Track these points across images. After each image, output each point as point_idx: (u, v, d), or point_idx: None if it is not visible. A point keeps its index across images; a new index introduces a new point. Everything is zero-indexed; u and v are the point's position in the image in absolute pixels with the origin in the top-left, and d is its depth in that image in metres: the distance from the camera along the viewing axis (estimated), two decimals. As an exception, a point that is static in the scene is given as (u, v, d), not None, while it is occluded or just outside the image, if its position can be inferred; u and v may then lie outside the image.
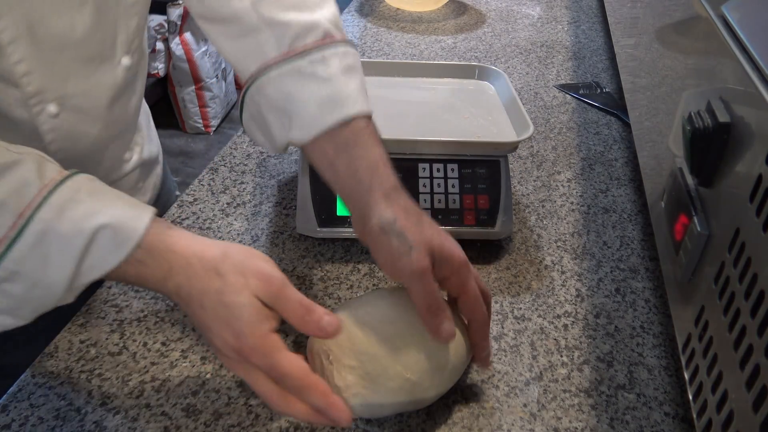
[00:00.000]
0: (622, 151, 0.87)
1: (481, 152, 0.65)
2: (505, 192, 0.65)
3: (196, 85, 2.58)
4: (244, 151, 0.81)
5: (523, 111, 0.67)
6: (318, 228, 0.63)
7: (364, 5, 1.33)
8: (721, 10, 0.46)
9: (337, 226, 0.63)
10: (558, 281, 0.64)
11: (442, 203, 0.64)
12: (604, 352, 0.56)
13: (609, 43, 1.22)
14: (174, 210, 0.69)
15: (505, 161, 0.65)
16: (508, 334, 0.57)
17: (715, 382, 0.37)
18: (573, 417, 0.50)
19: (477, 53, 1.14)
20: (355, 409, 0.43)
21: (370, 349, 0.44)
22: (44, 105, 0.51)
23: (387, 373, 0.44)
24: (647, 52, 0.72)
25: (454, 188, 0.64)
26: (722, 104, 0.41)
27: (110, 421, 0.47)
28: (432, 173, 0.64)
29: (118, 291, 0.59)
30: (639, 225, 0.73)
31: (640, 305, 0.62)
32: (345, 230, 0.63)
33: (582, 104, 0.99)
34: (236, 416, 0.48)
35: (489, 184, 0.65)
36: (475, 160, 0.65)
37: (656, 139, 0.60)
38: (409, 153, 0.64)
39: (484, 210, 0.64)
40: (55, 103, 0.52)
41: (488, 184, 0.65)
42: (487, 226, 0.64)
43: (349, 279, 0.62)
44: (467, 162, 0.65)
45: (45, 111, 0.52)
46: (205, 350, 0.53)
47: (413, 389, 0.44)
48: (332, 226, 0.63)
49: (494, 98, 0.74)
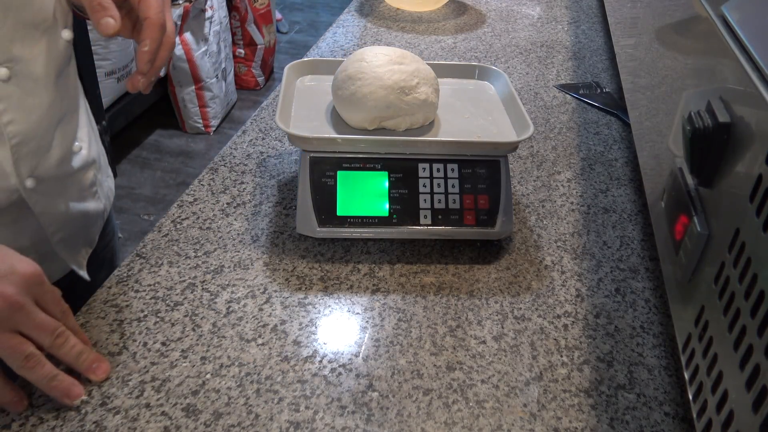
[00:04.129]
0: (622, 151, 0.87)
1: (481, 152, 0.65)
2: (505, 192, 0.65)
3: (196, 85, 2.58)
4: (244, 151, 0.81)
5: (523, 111, 0.67)
6: (318, 228, 0.63)
7: (364, 5, 1.33)
8: (721, 10, 0.46)
9: (337, 226, 0.63)
10: (558, 281, 0.64)
11: (442, 203, 0.64)
12: (604, 352, 0.56)
13: (609, 43, 1.22)
14: (174, 210, 0.70)
15: (505, 161, 0.65)
16: (508, 334, 0.57)
17: (715, 382, 0.37)
18: (573, 417, 0.50)
19: (477, 53, 1.14)
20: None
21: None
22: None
23: None
24: (647, 52, 0.72)
25: (454, 188, 0.64)
26: (722, 104, 0.41)
27: (110, 421, 0.47)
28: (432, 173, 0.64)
29: (118, 291, 0.59)
30: (639, 225, 0.73)
31: (640, 305, 0.62)
32: (345, 230, 0.63)
33: (582, 104, 0.99)
34: (236, 416, 0.48)
35: (489, 184, 0.64)
36: (475, 160, 0.65)
37: (656, 139, 0.60)
38: (409, 153, 0.64)
39: (484, 210, 0.64)
40: (5, 67, 0.54)
41: (488, 184, 0.64)
42: (487, 226, 0.64)
43: (349, 279, 0.62)
44: (467, 162, 0.65)
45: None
46: (205, 350, 0.53)
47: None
48: (332, 226, 0.63)
49: (494, 98, 0.74)
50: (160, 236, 0.66)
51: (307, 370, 0.52)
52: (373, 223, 0.63)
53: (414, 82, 0.64)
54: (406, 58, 0.66)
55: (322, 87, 0.72)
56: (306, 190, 0.63)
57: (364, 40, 1.16)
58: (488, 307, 0.60)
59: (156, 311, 0.57)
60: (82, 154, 0.67)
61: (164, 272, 0.61)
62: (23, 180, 0.58)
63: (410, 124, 0.66)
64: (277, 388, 0.51)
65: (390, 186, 0.64)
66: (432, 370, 0.53)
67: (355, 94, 0.63)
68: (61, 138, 0.62)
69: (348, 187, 0.63)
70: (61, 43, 0.60)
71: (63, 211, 0.65)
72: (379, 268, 0.63)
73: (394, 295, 0.60)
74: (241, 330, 0.56)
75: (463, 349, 0.55)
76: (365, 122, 0.65)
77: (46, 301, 0.48)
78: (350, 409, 0.50)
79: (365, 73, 0.64)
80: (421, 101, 0.64)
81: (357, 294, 0.60)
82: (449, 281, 0.63)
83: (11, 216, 0.60)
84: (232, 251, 0.64)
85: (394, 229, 0.63)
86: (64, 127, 0.63)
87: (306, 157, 0.63)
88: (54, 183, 0.63)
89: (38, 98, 0.58)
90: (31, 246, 0.63)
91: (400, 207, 0.63)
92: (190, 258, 0.63)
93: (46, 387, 0.47)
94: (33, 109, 0.58)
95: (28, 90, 0.57)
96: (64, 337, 0.48)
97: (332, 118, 0.67)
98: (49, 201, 0.63)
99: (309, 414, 0.49)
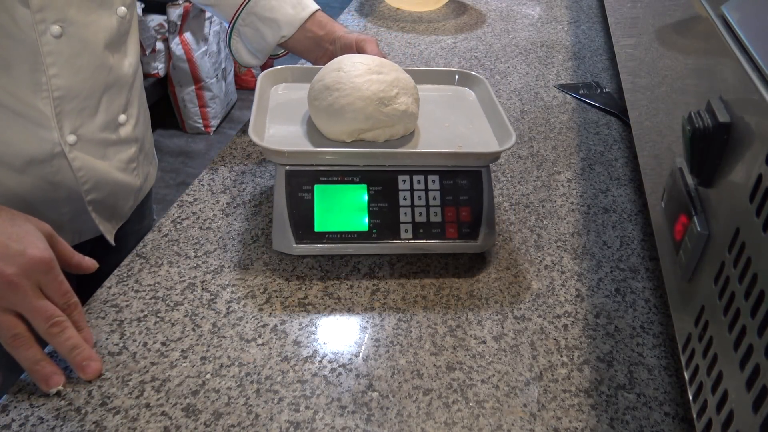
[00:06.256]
0: (622, 151, 0.87)
1: (463, 163, 0.63)
2: (487, 203, 0.62)
3: (196, 85, 2.58)
4: (244, 151, 0.81)
5: (504, 119, 0.65)
6: (295, 244, 0.60)
7: (364, 5, 1.33)
8: (721, 10, 0.46)
9: (315, 242, 0.60)
10: (558, 281, 0.64)
11: (423, 216, 0.62)
12: (604, 352, 0.56)
13: (609, 43, 1.22)
14: (174, 210, 0.70)
15: (487, 171, 0.63)
16: (508, 334, 0.57)
17: (715, 382, 0.37)
18: (573, 417, 0.50)
19: (477, 53, 1.14)
20: None
21: None
22: (48, 25, 0.59)
23: None
24: (647, 52, 0.72)
25: (435, 200, 0.62)
26: (722, 104, 0.41)
27: (110, 421, 0.47)
28: (413, 185, 0.62)
29: (118, 291, 0.59)
30: (639, 225, 0.73)
31: (640, 305, 0.62)
32: (323, 246, 0.61)
33: (582, 104, 0.99)
34: (236, 416, 0.48)
35: (471, 195, 0.62)
36: (456, 170, 0.62)
37: (656, 139, 0.60)
38: (389, 165, 0.62)
39: (466, 222, 0.62)
40: (58, 25, 0.59)
41: (470, 196, 0.62)
42: (469, 240, 0.62)
43: (349, 279, 0.62)
44: (448, 173, 0.62)
45: (49, 31, 0.59)
46: (205, 350, 0.53)
47: None
48: (310, 242, 0.60)
49: (475, 105, 0.72)
50: (160, 236, 0.66)
51: (307, 370, 0.52)
52: (352, 239, 0.61)
53: (393, 92, 0.62)
54: (384, 67, 0.64)
55: (298, 95, 0.70)
56: (282, 205, 0.60)
57: (364, 40, 1.16)
58: (488, 307, 0.60)
59: (156, 311, 0.57)
60: (127, 129, 0.72)
61: (164, 272, 0.61)
62: (65, 135, 0.63)
63: (390, 136, 0.63)
64: (277, 388, 0.51)
65: (369, 199, 0.61)
66: (432, 370, 0.53)
67: (332, 106, 0.61)
68: (107, 105, 0.68)
69: (326, 201, 0.61)
70: (115, 18, 0.66)
71: (100, 173, 0.69)
72: (379, 268, 0.63)
73: (394, 295, 0.60)
74: (241, 330, 0.56)
75: (463, 349, 0.55)
76: (343, 135, 0.62)
77: (51, 290, 0.49)
78: (350, 409, 0.50)
79: (343, 84, 0.61)
80: (401, 112, 0.62)
81: (357, 294, 0.60)
82: (449, 281, 0.63)
83: (53, 168, 0.64)
84: (232, 251, 0.64)
85: (374, 245, 0.61)
86: (112, 96, 0.68)
87: (282, 170, 0.60)
88: (95, 146, 0.68)
89: (85, 60, 0.63)
90: (66, 200, 0.67)
91: (379, 221, 0.61)
92: (190, 258, 0.63)
93: (29, 369, 0.49)
94: (79, 69, 0.63)
95: (77, 51, 0.62)
96: (59, 327, 0.49)
97: (309, 129, 0.65)
98: (88, 161, 0.67)
99: (309, 414, 0.49)
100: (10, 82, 0.59)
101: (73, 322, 0.50)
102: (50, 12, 0.59)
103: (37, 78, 0.60)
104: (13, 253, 0.47)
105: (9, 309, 0.48)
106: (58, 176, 0.65)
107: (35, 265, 0.48)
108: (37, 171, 0.63)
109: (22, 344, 0.48)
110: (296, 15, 0.80)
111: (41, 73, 0.60)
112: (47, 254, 0.49)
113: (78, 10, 0.61)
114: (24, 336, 0.48)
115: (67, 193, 0.67)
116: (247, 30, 0.81)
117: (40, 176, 0.64)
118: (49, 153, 0.63)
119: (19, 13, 0.57)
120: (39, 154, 0.62)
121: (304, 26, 0.80)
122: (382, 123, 0.62)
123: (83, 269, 0.55)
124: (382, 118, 0.61)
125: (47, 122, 0.62)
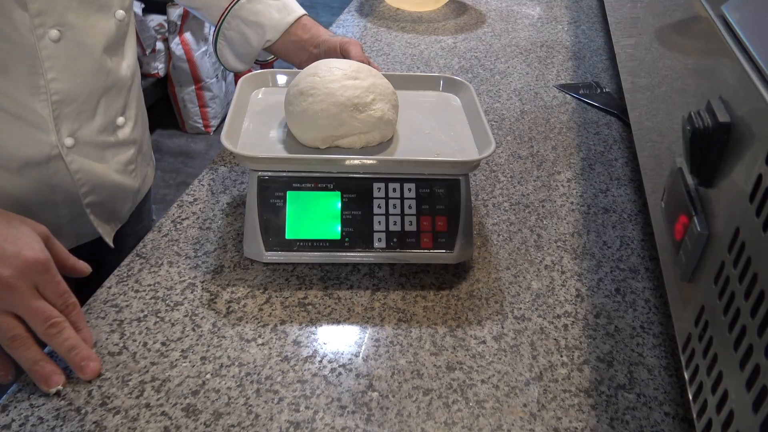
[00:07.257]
0: (622, 151, 0.87)
1: (440, 171, 0.61)
2: (464, 213, 0.61)
3: (196, 85, 2.58)
4: (244, 151, 0.81)
5: (486, 126, 0.63)
6: (265, 252, 0.59)
7: (364, 5, 1.33)
8: (721, 10, 0.46)
9: (286, 250, 0.59)
10: (558, 281, 0.64)
11: (398, 225, 0.60)
12: (604, 352, 0.56)
13: (609, 43, 1.22)
14: (174, 210, 0.70)
15: (465, 180, 0.61)
16: (508, 334, 0.57)
17: (715, 382, 0.37)
18: (573, 417, 0.50)
19: (477, 53, 1.14)
20: None
21: None
22: (46, 29, 0.59)
23: None
24: (647, 52, 0.72)
25: (410, 209, 0.60)
26: (722, 104, 0.41)
27: (110, 421, 0.47)
28: (388, 193, 0.60)
29: (118, 291, 0.59)
30: (639, 225, 0.73)
31: (640, 305, 0.62)
32: (294, 254, 0.60)
33: (582, 104, 0.99)
34: (236, 416, 0.48)
35: (448, 205, 0.61)
36: (433, 179, 0.61)
37: (656, 139, 0.60)
38: (364, 172, 0.60)
39: (442, 233, 0.60)
40: (56, 29, 0.59)
41: (447, 205, 0.61)
42: (444, 250, 0.61)
43: (349, 279, 0.62)
44: (425, 181, 0.61)
45: (47, 35, 0.59)
46: (205, 350, 0.53)
47: None
48: (280, 250, 0.59)
49: (458, 111, 0.70)
50: (160, 236, 0.66)
51: (307, 370, 0.52)
52: (323, 247, 0.60)
53: (369, 98, 0.60)
54: (361, 73, 0.62)
55: (278, 100, 0.68)
56: (253, 211, 0.59)
57: (364, 40, 1.16)
58: (488, 307, 0.60)
59: (156, 311, 0.57)
60: (125, 131, 0.72)
61: (164, 272, 0.61)
62: (62, 138, 0.63)
63: (366, 143, 0.62)
64: (277, 388, 0.51)
65: (343, 207, 0.60)
66: (432, 370, 0.53)
67: (306, 111, 0.60)
68: (105, 108, 0.68)
69: (298, 208, 0.60)
70: (113, 21, 0.66)
71: (98, 175, 0.69)
72: (379, 268, 0.63)
73: (394, 295, 0.60)
74: (241, 330, 0.56)
75: (463, 349, 0.55)
76: (317, 141, 0.61)
77: (48, 290, 0.49)
78: (350, 409, 0.50)
79: (317, 89, 0.60)
80: (377, 119, 0.60)
81: (357, 294, 0.60)
82: (449, 281, 0.63)
83: (50, 171, 0.64)
84: (232, 251, 0.64)
85: (345, 254, 0.60)
86: (110, 99, 0.69)
87: (254, 176, 0.59)
88: (93, 148, 0.68)
89: (83, 64, 0.63)
90: (63, 202, 0.67)
91: (352, 229, 0.60)
92: (190, 258, 0.63)
93: (28, 369, 0.49)
94: (78, 72, 0.63)
95: (75, 54, 0.62)
96: (57, 327, 0.49)
97: (284, 135, 0.64)
98: (85, 163, 0.67)
99: (309, 414, 0.49)
100: (8, 85, 0.59)
101: (72, 322, 0.50)
102: (49, 16, 0.58)
103: (35, 81, 0.60)
104: (9, 255, 0.47)
105: (6, 311, 0.48)
106: (56, 179, 0.65)
107: (31, 266, 0.48)
108: (34, 173, 0.63)
109: (21, 345, 0.48)
110: (282, 20, 0.79)
111: (39, 76, 0.60)
112: (43, 255, 0.49)
113: (76, 14, 0.61)
114: (22, 337, 0.48)
115: (64, 196, 0.67)
116: (232, 34, 0.80)
117: (37, 179, 0.64)
118: (46, 155, 0.63)
119: (18, 17, 0.57)
120: (36, 156, 0.62)
121: (289, 30, 0.79)
122: (356, 129, 0.60)
123: (77, 272, 0.55)
124: (356, 125, 0.60)
125: (45, 125, 0.62)
